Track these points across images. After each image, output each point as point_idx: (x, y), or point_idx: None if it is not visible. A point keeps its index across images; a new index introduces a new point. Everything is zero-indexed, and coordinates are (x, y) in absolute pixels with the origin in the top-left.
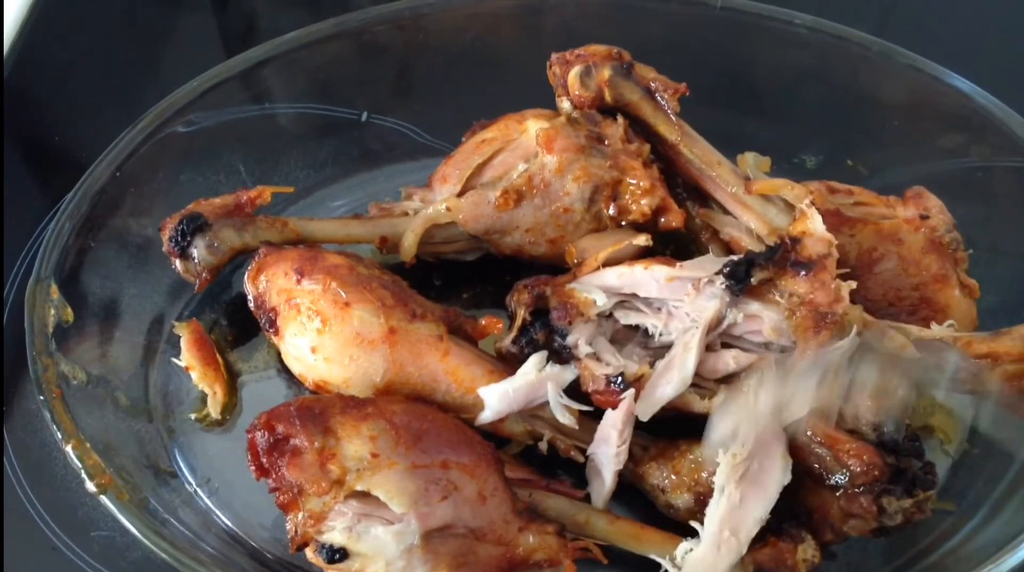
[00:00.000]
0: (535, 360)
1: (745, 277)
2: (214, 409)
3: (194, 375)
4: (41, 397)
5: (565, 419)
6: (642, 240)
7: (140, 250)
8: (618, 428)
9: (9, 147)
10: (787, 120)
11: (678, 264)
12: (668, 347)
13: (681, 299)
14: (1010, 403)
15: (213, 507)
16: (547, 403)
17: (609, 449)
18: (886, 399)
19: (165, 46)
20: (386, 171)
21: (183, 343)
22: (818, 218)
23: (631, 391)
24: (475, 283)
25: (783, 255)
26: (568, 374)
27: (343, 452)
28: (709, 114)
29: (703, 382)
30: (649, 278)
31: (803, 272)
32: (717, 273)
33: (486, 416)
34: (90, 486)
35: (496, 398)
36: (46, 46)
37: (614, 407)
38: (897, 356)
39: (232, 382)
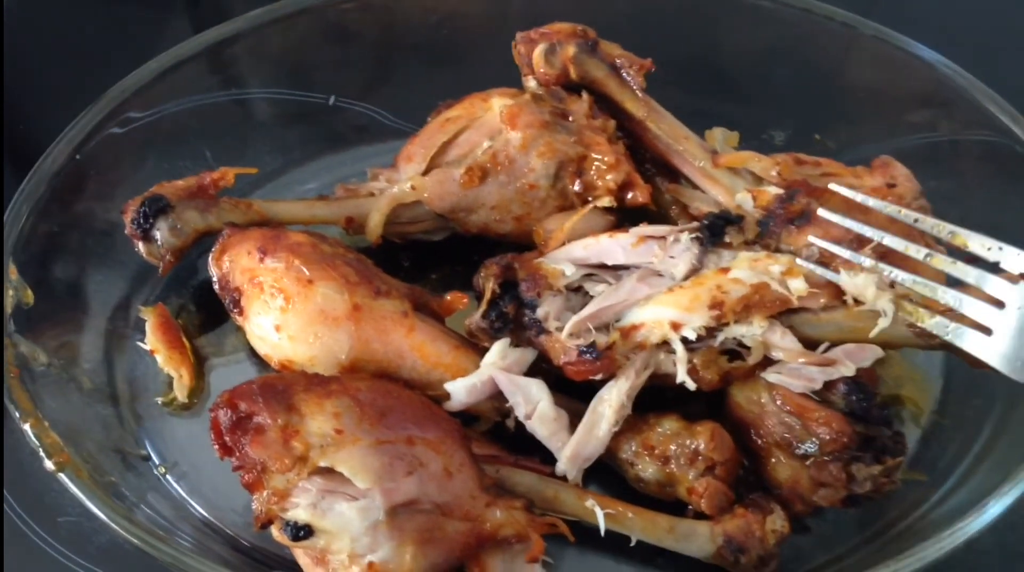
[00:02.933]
0: (498, 348)
1: (721, 232)
2: (180, 393)
3: (159, 358)
4: None
5: (548, 428)
6: (605, 202)
7: (105, 235)
8: (623, 400)
9: None
10: (754, 96)
11: (642, 224)
12: None
13: (650, 261)
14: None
15: (183, 492)
16: None
17: (602, 426)
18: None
19: (141, 43)
20: (354, 154)
21: (148, 326)
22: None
23: (641, 356)
24: (443, 264)
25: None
26: (528, 355)
27: (307, 429)
28: (677, 92)
29: None
30: (615, 245)
31: (800, 223)
32: (682, 230)
33: (453, 406)
34: (48, 464)
35: (464, 392)
36: (13, 39)
37: (586, 378)
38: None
39: (199, 366)
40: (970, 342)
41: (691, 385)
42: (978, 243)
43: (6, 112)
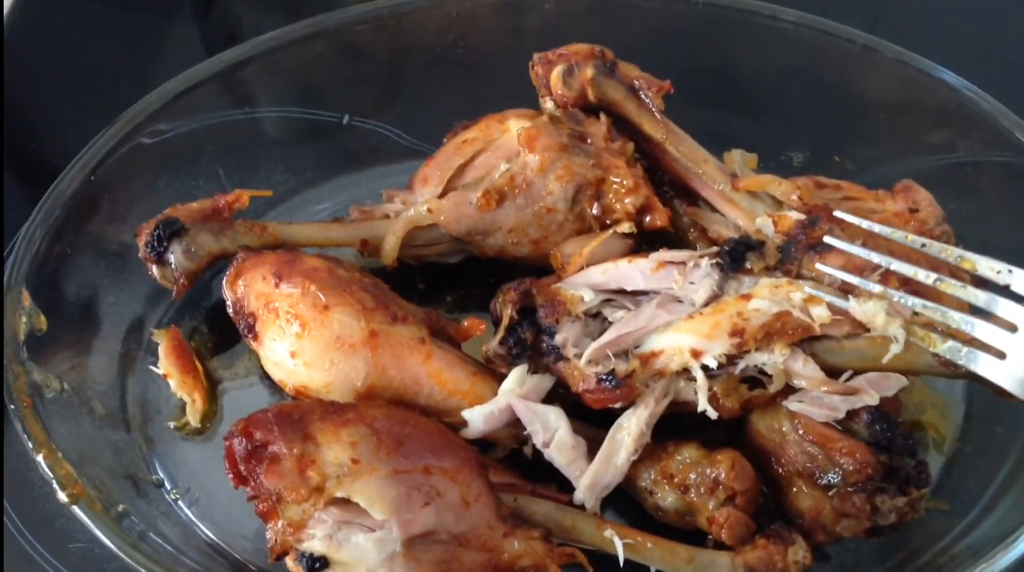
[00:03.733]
0: (516, 375)
1: (741, 258)
2: (193, 417)
3: (172, 383)
4: (12, 406)
5: (567, 456)
6: (625, 227)
7: (118, 257)
8: (642, 428)
9: None
10: (773, 117)
11: (662, 250)
12: None
13: (670, 286)
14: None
15: (193, 518)
16: None
17: (621, 454)
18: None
19: (147, 53)
20: (368, 174)
21: (161, 350)
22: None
23: (660, 384)
24: (459, 286)
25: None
26: (546, 382)
27: (323, 458)
28: (695, 113)
29: None
30: (634, 271)
31: (822, 250)
32: (701, 256)
33: (471, 433)
34: (62, 496)
35: (481, 420)
36: (24, 54)
37: (605, 406)
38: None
39: (212, 390)
40: (984, 366)
41: (712, 414)
42: (987, 266)
43: (10, 126)
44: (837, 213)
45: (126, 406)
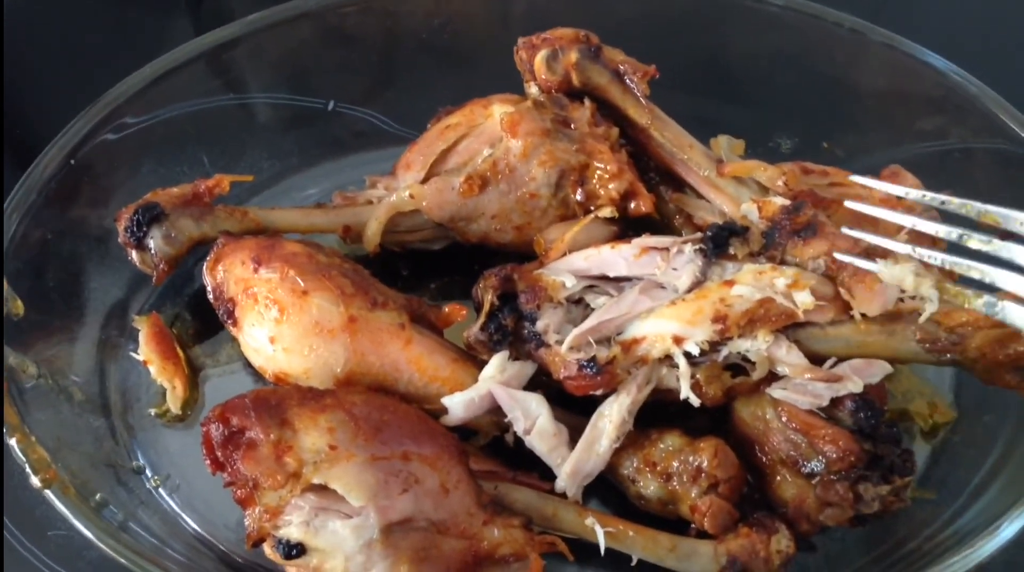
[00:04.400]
0: (497, 362)
1: (725, 244)
2: (174, 404)
3: (153, 369)
4: None
5: (548, 443)
6: (607, 211)
7: (100, 242)
8: (624, 416)
9: None
10: (761, 103)
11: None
12: None
13: (652, 273)
14: (989, 373)
15: (175, 506)
16: None
17: (603, 442)
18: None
19: (142, 46)
20: (353, 160)
21: (141, 337)
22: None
23: (643, 371)
24: (443, 273)
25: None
26: (528, 369)
27: (300, 444)
28: (681, 99)
29: None
30: (617, 257)
31: (807, 235)
32: (685, 242)
33: (451, 421)
34: (35, 481)
35: (461, 407)
36: (18, 44)
37: (586, 392)
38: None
39: (194, 377)
40: (1020, 318)
41: (695, 401)
42: (1015, 219)
43: (7, 115)
44: (845, 229)
45: (106, 393)
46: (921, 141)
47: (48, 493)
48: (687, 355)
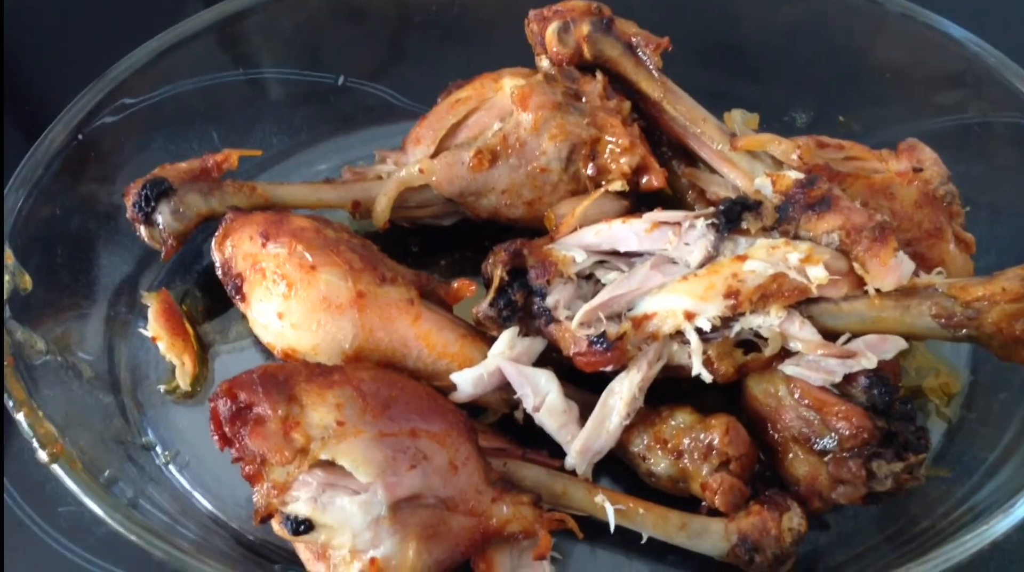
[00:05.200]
0: (506, 338)
1: (737, 219)
2: (183, 381)
3: (161, 346)
4: None
5: (558, 420)
6: (618, 185)
7: (109, 218)
8: (634, 392)
9: None
10: (776, 76)
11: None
12: None
13: (664, 247)
14: (1007, 349)
15: (184, 483)
16: None
17: (613, 419)
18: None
19: (156, 21)
20: (363, 135)
21: (150, 313)
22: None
23: (653, 347)
24: (453, 249)
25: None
26: (537, 345)
27: (307, 420)
28: (695, 72)
29: None
30: (628, 231)
31: (821, 210)
32: (697, 216)
33: (460, 397)
34: (42, 455)
35: (470, 383)
36: (27, 20)
37: (596, 369)
38: None
39: (203, 353)
40: None
41: (707, 377)
42: None
43: (17, 91)
44: None
45: (115, 370)
46: (939, 114)
47: (56, 469)
48: (699, 331)
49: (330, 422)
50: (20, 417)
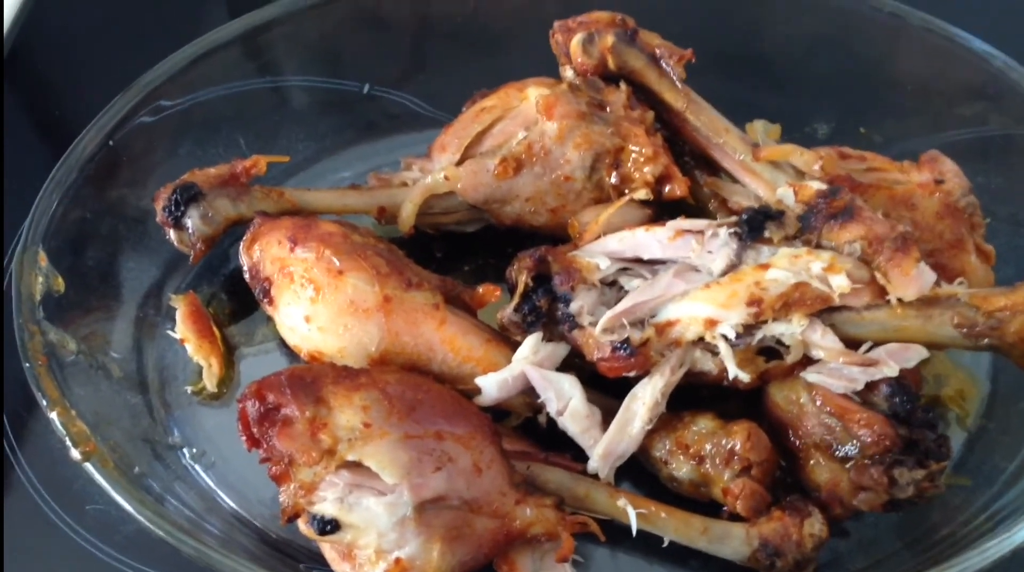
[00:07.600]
0: (530, 343)
1: (760, 228)
2: (210, 382)
3: (189, 347)
4: (27, 364)
5: (581, 424)
6: (642, 194)
7: (138, 222)
8: (657, 398)
9: (13, 119)
10: (797, 88)
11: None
12: None
13: (687, 255)
14: None
15: (211, 483)
16: None
17: (636, 424)
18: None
19: (177, 27)
20: (388, 143)
21: (178, 315)
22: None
23: (676, 353)
24: (477, 256)
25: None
26: (561, 351)
27: (335, 422)
28: (717, 83)
29: None
30: (651, 239)
31: (843, 220)
32: (720, 225)
33: (484, 401)
34: (74, 453)
35: (495, 387)
36: (49, 20)
37: (619, 374)
38: None
39: (229, 356)
40: None
41: (744, 377)
42: None
43: (43, 98)
44: None
45: (144, 370)
46: (960, 127)
47: (88, 466)
48: (722, 337)
49: (357, 424)
50: (54, 416)
